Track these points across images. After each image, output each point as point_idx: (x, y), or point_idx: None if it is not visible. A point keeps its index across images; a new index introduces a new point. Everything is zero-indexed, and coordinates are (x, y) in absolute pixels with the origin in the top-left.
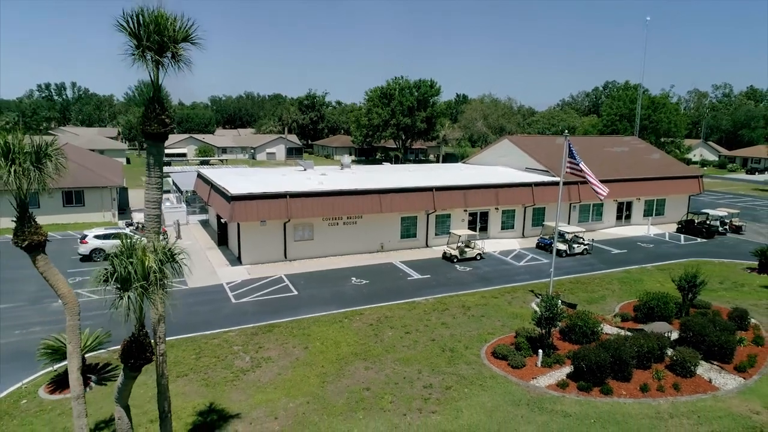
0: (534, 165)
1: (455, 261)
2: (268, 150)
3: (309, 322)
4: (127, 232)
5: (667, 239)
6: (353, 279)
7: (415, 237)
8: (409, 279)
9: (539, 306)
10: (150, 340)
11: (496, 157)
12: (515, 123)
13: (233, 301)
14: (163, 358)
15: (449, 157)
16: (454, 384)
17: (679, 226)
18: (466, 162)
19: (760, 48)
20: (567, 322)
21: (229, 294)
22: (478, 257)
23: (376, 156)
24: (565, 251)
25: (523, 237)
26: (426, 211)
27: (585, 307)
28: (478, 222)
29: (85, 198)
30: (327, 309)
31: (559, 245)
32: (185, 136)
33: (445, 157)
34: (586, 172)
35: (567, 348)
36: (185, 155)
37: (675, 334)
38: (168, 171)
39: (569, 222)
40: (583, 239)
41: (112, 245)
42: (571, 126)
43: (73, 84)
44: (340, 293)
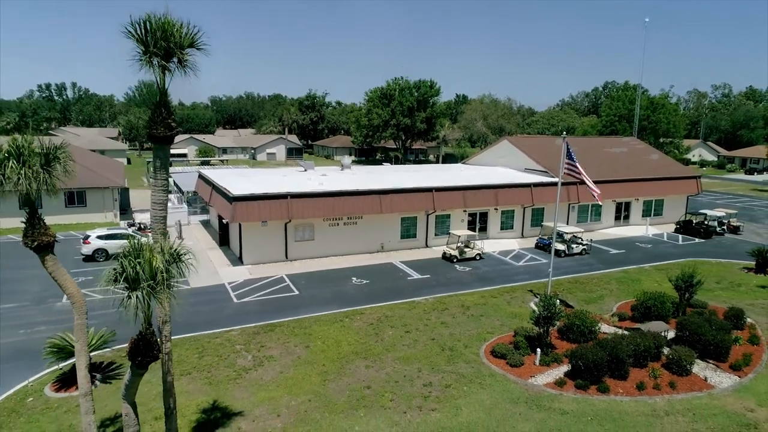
0: (533, 166)
1: (455, 261)
2: (269, 150)
3: (310, 321)
4: (129, 233)
5: (665, 239)
6: (354, 279)
7: (415, 237)
8: (409, 279)
9: (537, 306)
10: (157, 338)
11: (496, 158)
12: (515, 123)
13: (235, 300)
14: (169, 357)
15: (449, 158)
16: (454, 382)
17: (677, 227)
18: (465, 162)
19: (759, 48)
20: (565, 321)
21: (230, 294)
22: (478, 257)
23: (376, 156)
24: (564, 251)
25: (522, 237)
26: (426, 212)
27: (583, 307)
28: (478, 222)
29: (87, 198)
30: (328, 308)
31: (557, 245)
32: (186, 136)
33: (444, 157)
34: (582, 173)
35: (565, 347)
36: (186, 155)
37: (671, 333)
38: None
39: (568, 222)
40: (581, 239)
41: (114, 245)
42: (571, 126)
43: (73, 84)
44: (340, 293)
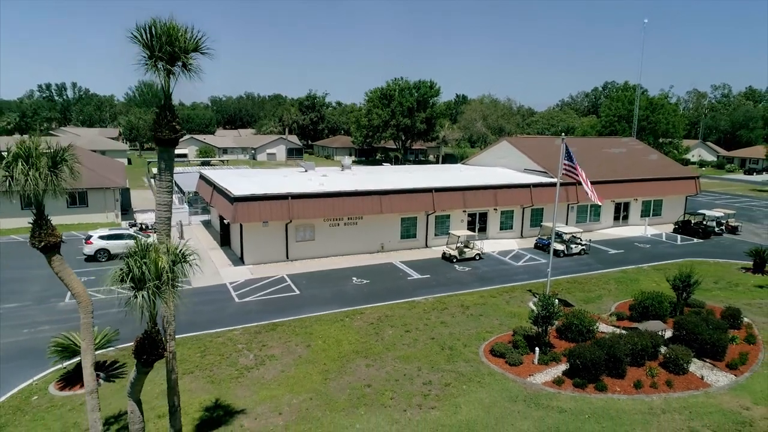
0: (532, 166)
1: (454, 261)
2: (269, 150)
3: (311, 321)
4: (132, 233)
5: (663, 239)
6: (354, 279)
7: (415, 237)
8: (409, 279)
9: (536, 305)
10: (162, 337)
11: (495, 159)
12: (515, 123)
13: (236, 300)
14: (173, 355)
15: (449, 158)
16: (453, 381)
17: (676, 227)
18: (465, 163)
19: (759, 48)
20: (563, 320)
21: (232, 293)
22: (477, 257)
23: (376, 156)
24: (563, 251)
25: (521, 237)
26: (426, 212)
27: (582, 307)
28: (477, 222)
29: (89, 199)
30: (328, 308)
31: (556, 245)
32: (186, 137)
33: (444, 157)
34: (581, 176)
35: (563, 346)
36: (186, 156)
37: (669, 332)
38: None
39: (567, 222)
40: (580, 239)
41: (116, 246)
42: (570, 126)
43: (73, 84)
44: (341, 293)
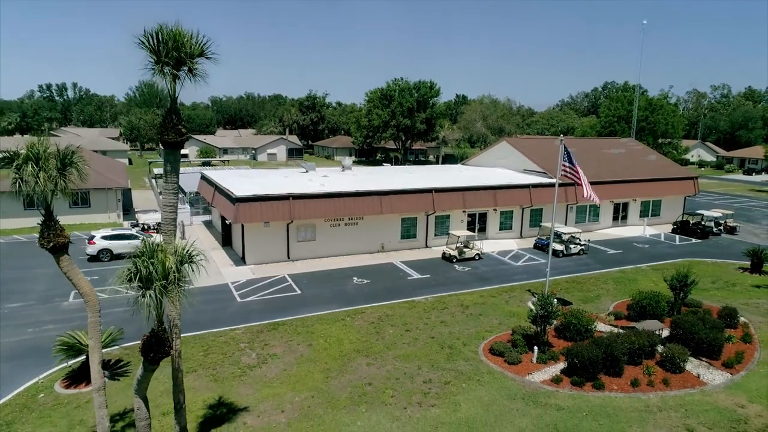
0: (532, 167)
1: (454, 261)
2: (269, 151)
3: (312, 320)
4: (133, 233)
5: (662, 240)
6: (355, 279)
7: (415, 238)
8: (409, 279)
9: (535, 305)
10: (168, 335)
11: (495, 159)
12: (514, 124)
13: (238, 300)
14: (179, 353)
15: (449, 158)
16: (453, 379)
17: (675, 227)
18: (465, 163)
19: (759, 48)
20: (562, 320)
21: (234, 293)
22: (477, 257)
23: (376, 157)
24: (562, 251)
25: (521, 237)
26: (426, 213)
27: (580, 306)
28: (477, 223)
29: (91, 199)
30: (330, 308)
31: (555, 246)
32: None
33: (444, 157)
34: (581, 178)
35: (561, 345)
36: (187, 156)
37: (666, 331)
38: None
39: (566, 223)
40: (579, 240)
41: (118, 246)
42: (570, 127)
43: (74, 84)
44: (342, 292)
